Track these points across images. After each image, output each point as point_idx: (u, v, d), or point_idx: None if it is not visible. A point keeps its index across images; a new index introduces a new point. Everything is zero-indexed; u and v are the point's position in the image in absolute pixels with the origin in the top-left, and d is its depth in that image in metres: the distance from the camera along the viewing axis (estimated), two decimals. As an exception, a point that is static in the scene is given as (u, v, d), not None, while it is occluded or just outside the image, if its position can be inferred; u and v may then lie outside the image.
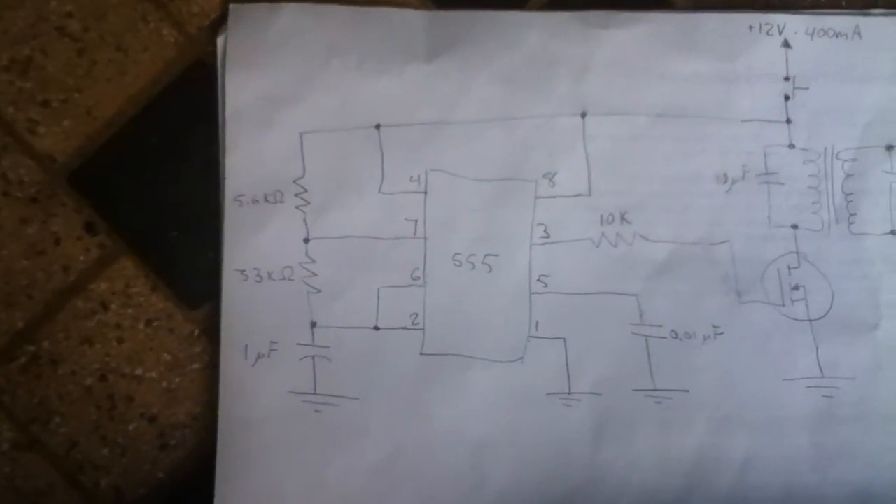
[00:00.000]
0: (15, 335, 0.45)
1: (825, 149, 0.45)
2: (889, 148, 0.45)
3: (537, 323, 0.44)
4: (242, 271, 0.44)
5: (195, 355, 0.45)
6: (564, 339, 0.44)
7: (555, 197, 0.45)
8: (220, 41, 0.45)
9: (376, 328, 0.44)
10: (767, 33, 0.46)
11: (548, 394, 0.44)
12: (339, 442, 0.43)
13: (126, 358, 0.45)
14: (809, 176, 0.45)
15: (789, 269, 0.45)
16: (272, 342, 0.44)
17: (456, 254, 0.45)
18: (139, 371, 0.45)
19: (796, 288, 0.45)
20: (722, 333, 0.44)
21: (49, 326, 0.45)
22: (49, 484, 0.45)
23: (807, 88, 0.45)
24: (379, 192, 0.45)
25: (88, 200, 0.45)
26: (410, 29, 0.45)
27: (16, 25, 0.45)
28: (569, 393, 0.44)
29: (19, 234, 0.45)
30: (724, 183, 0.45)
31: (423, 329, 0.44)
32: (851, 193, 0.45)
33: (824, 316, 0.44)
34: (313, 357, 0.44)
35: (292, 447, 0.43)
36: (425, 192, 0.45)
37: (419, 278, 0.44)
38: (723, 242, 0.45)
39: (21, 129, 0.45)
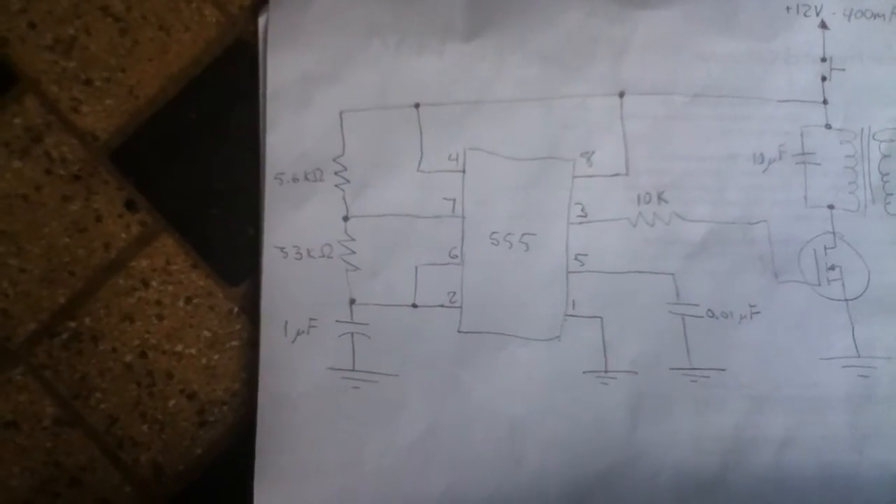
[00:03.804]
0: (57, 311, 0.49)
1: (862, 129, 0.48)
2: (926, 129, 0.48)
3: (574, 301, 0.47)
4: (282, 248, 0.47)
5: (234, 332, 0.49)
6: (601, 317, 0.47)
7: (592, 176, 0.48)
8: (261, 21, 0.48)
9: (414, 306, 0.47)
10: (805, 14, 0.49)
11: (584, 372, 0.47)
12: (377, 418, 0.47)
13: (166, 335, 0.49)
14: (846, 156, 0.48)
15: (825, 248, 0.48)
16: (311, 319, 0.47)
17: (493, 232, 0.48)
18: (179, 348, 0.49)
19: (832, 268, 0.48)
20: (758, 312, 0.47)
21: (90, 303, 0.49)
22: (89, 459, 0.48)
23: (843, 69, 0.48)
24: (417, 170, 0.48)
25: (130, 178, 0.49)
26: (449, 9, 0.49)
27: (60, 5, 0.49)
28: (605, 371, 0.47)
29: (61, 212, 0.49)
30: (761, 163, 0.48)
31: (461, 307, 0.47)
32: (888, 174, 0.48)
33: (860, 296, 0.47)
34: (352, 334, 0.47)
35: (331, 423, 0.47)
36: (463, 171, 0.48)
37: (457, 257, 0.48)
38: (759, 222, 0.48)
39: (64, 107, 0.49)
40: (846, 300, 0.47)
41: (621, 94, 0.48)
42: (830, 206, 0.48)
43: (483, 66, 0.48)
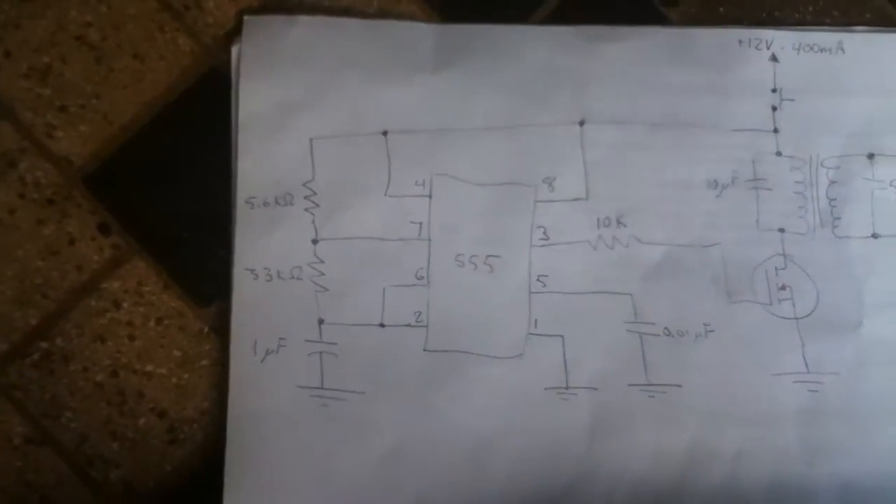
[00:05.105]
0: (29, 332, 0.51)
1: (811, 157, 0.52)
2: (870, 156, 0.52)
3: (536, 321, 0.50)
4: (253, 270, 0.50)
5: (204, 352, 0.51)
6: (562, 336, 0.50)
7: (554, 201, 0.51)
8: (234, 51, 0.51)
9: (382, 325, 0.50)
10: (756, 48, 0.52)
11: (546, 388, 0.50)
12: (345, 435, 0.49)
13: (137, 355, 0.51)
14: (796, 182, 0.52)
15: (776, 270, 0.51)
16: (281, 339, 0.50)
17: (459, 255, 0.51)
18: (150, 367, 0.51)
19: (783, 288, 0.51)
20: (713, 331, 0.50)
21: (62, 324, 0.51)
22: (59, 478, 0.50)
23: (793, 100, 0.52)
24: (385, 195, 0.51)
25: (103, 202, 0.51)
26: (418, 41, 0.52)
27: (36, 35, 0.51)
28: (566, 388, 0.50)
29: (35, 235, 0.51)
30: (715, 188, 0.51)
31: (427, 326, 0.50)
32: (835, 199, 0.52)
33: (810, 314, 0.51)
34: (321, 353, 0.50)
35: (300, 441, 0.49)
36: (430, 196, 0.51)
37: (423, 278, 0.50)
38: (714, 245, 0.51)
39: (39, 133, 0.51)
40: (796, 319, 0.51)
41: (582, 123, 0.51)
42: (781, 230, 0.51)
43: (450, 97, 0.51)
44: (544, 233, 0.51)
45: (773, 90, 0.52)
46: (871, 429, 0.50)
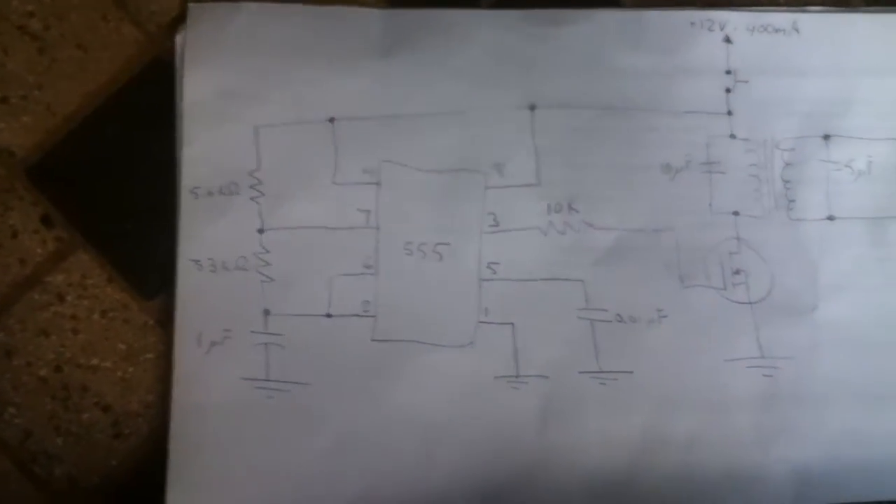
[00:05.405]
0: (-29, 327, 0.50)
1: (765, 139, 0.51)
2: (826, 137, 0.51)
3: (486, 309, 0.50)
4: (197, 261, 0.49)
5: (149, 345, 0.50)
6: (513, 324, 0.49)
7: (504, 187, 0.50)
8: (178, 39, 0.51)
9: (329, 315, 0.49)
10: (709, 29, 0.52)
11: (496, 377, 0.49)
12: (290, 427, 0.48)
13: (81, 348, 0.50)
14: (750, 165, 0.51)
15: (730, 254, 0.50)
16: (225, 330, 0.49)
17: (408, 242, 0.50)
18: (94, 361, 0.50)
19: (737, 272, 0.50)
20: (666, 317, 0.50)
21: (5, 318, 0.50)
22: (3, 473, 0.49)
23: (747, 81, 0.51)
24: (332, 183, 0.50)
25: (46, 194, 0.51)
26: (366, 27, 0.51)
27: (-23, 25, 0.51)
28: (517, 376, 0.49)
29: (-23, 228, 0.50)
30: (669, 173, 0.51)
31: (375, 316, 0.49)
32: (790, 181, 0.51)
33: (764, 299, 0.50)
34: (266, 344, 0.49)
35: (245, 433, 0.48)
36: (378, 184, 0.50)
37: (371, 266, 0.50)
38: (666, 229, 0.50)
39: (-20, 124, 0.51)
40: (750, 303, 0.50)
41: (532, 108, 0.51)
42: (735, 213, 0.51)
43: (398, 82, 0.51)
44: (494, 219, 0.50)
45: (727, 72, 0.52)
46: (825, 413, 0.50)
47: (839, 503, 0.49)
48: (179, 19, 0.51)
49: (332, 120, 0.50)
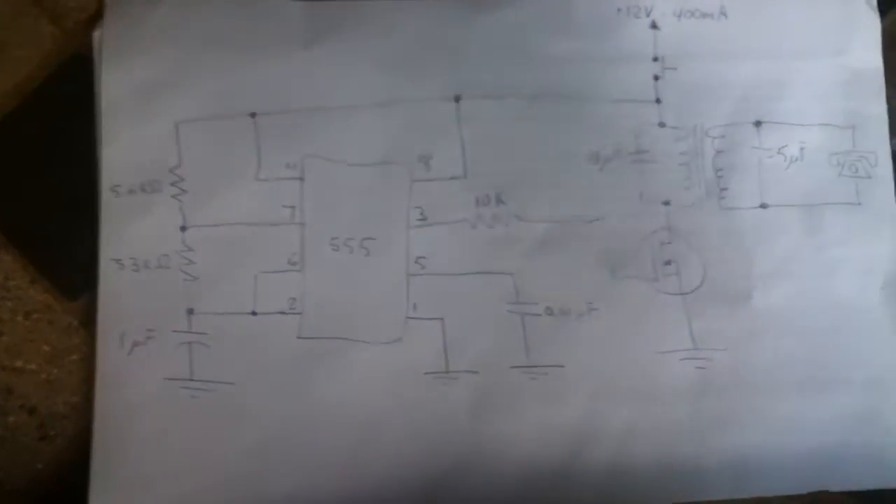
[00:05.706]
0: None
1: (695, 126, 0.51)
2: (757, 124, 0.51)
3: (415, 304, 0.49)
4: (119, 261, 0.49)
5: (74, 346, 0.50)
6: (442, 319, 0.49)
7: (431, 180, 0.50)
8: (96, 35, 0.50)
9: (254, 313, 0.49)
10: (635, 15, 0.51)
11: (426, 373, 0.49)
12: (215, 426, 0.48)
13: (5, 350, 0.49)
14: (680, 153, 0.50)
15: (661, 244, 0.50)
16: (148, 330, 0.48)
17: (333, 238, 0.49)
18: (18, 363, 0.49)
19: (668, 263, 0.50)
20: (596, 309, 0.49)
21: (-73, 322, 0.49)
22: (-73, 481, 0.49)
23: (675, 68, 0.51)
24: (255, 179, 0.49)
25: (-34, 195, 0.50)
26: (288, 17, 0.50)
27: None
28: (446, 372, 0.49)
29: None
30: (597, 162, 0.50)
31: (301, 313, 0.49)
32: (722, 169, 0.50)
33: (696, 289, 0.49)
34: (190, 344, 0.48)
35: (169, 433, 0.48)
36: (302, 179, 0.49)
37: (296, 263, 0.49)
38: (596, 220, 0.50)
39: None
40: (682, 294, 0.49)
41: (457, 99, 0.50)
42: (666, 203, 0.50)
43: (321, 74, 0.50)
44: (422, 213, 0.50)
45: (655, 59, 0.51)
46: (763, 401, 0.49)
47: (777, 493, 0.49)
48: (98, 15, 0.50)
49: (253, 115, 0.50)
